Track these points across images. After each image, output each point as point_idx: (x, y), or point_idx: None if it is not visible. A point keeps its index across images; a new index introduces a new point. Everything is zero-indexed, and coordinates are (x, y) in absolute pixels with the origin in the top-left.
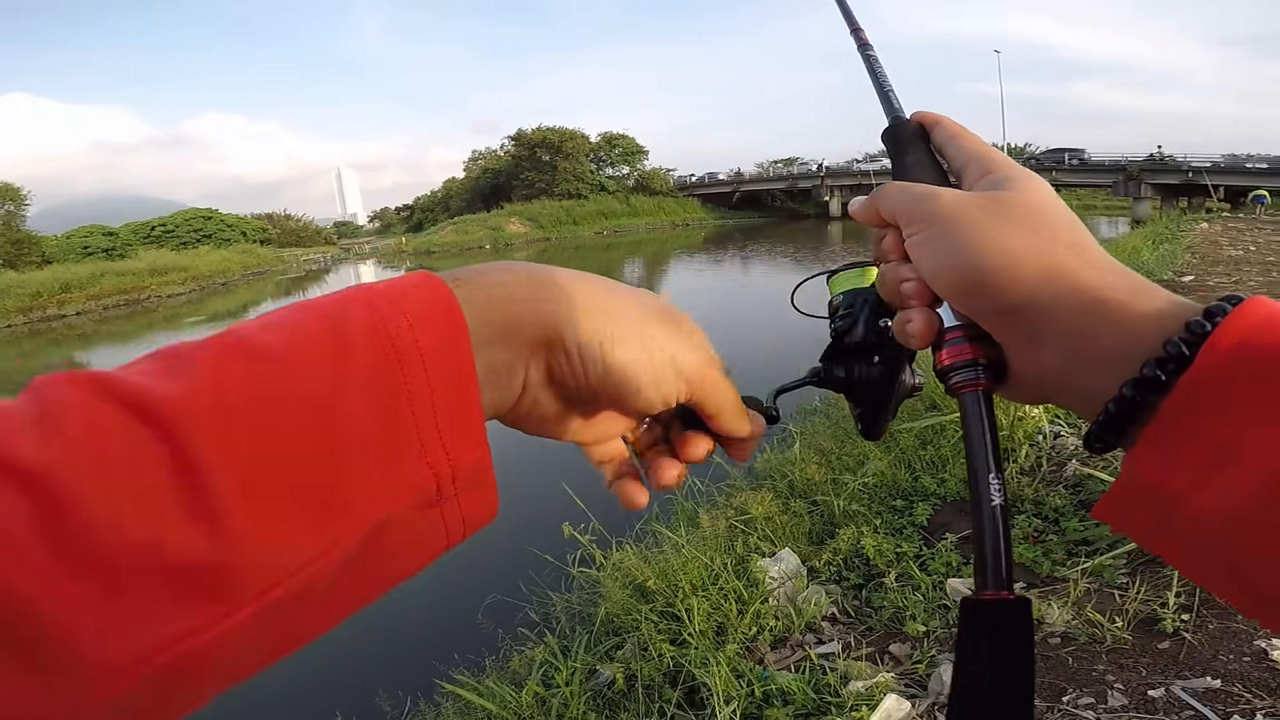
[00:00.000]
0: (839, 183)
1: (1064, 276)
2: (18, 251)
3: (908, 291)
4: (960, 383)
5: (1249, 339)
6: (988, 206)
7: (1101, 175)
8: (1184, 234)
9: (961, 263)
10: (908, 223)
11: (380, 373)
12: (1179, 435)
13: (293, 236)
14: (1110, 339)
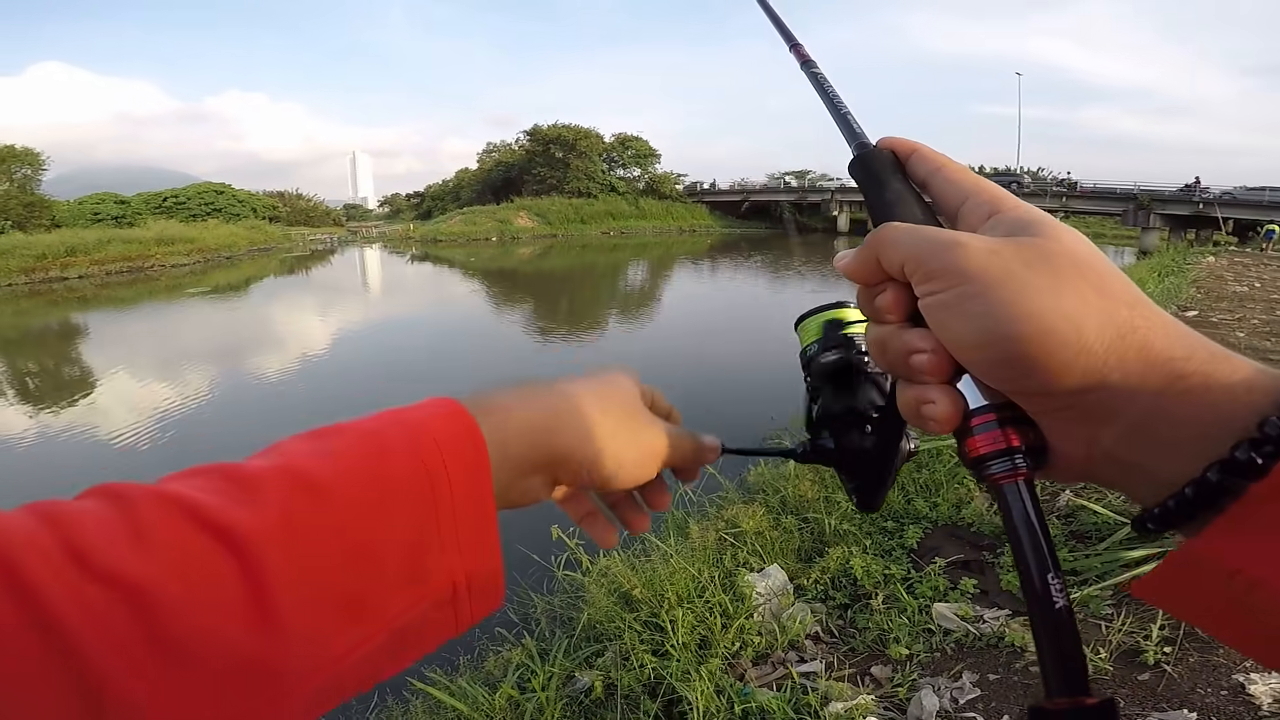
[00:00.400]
0: (849, 198)
1: (1135, 346)
2: (29, 214)
3: (921, 365)
4: (999, 474)
5: None
6: (1028, 258)
7: (1112, 203)
8: (1190, 267)
9: (1010, 331)
10: (925, 278)
11: (416, 504)
12: (1271, 524)
13: (302, 215)
14: (1191, 417)
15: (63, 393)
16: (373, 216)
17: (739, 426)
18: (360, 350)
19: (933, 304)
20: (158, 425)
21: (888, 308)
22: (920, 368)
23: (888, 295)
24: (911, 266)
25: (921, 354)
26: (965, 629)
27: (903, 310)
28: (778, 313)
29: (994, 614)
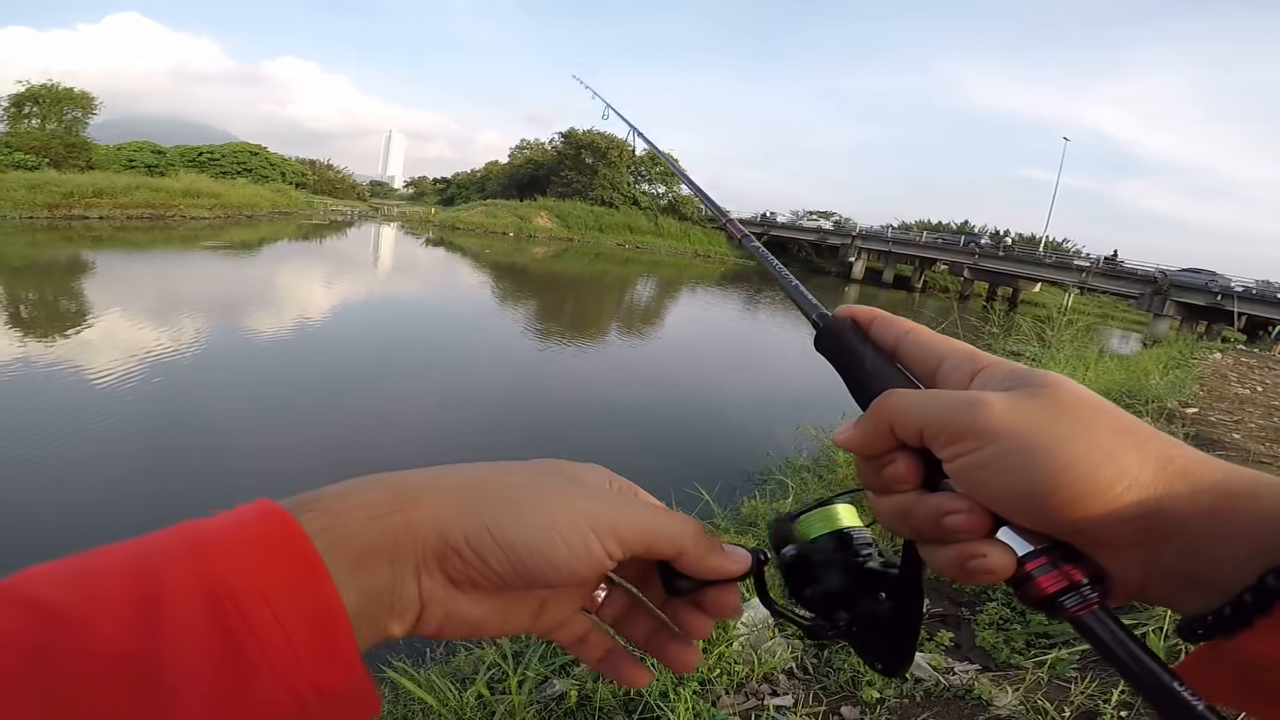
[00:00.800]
0: (870, 246)
1: (1178, 473)
2: (68, 153)
3: (958, 525)
4: (1075, 608)
5: None
6: (1051, 410)
7: (1131, 285)
8: (1196, 361)
9: (1058, 481)
10: (952, 439)
11: (206, 622)
12: None
13: (328, 186)
14: (1244, 533)
15: (55, 325)
16: (396, 196)
17: (728, 461)
18: (353, 325)
19: (968, 464)
20: (141, 369)
21: (902, 477)
22: (958, 527)
23: (900, 465)
24: (934, 430)
25: (957, 514)
26: (936, 678)
27: (919, 477)
28: (776, 348)
29: (964, 667)
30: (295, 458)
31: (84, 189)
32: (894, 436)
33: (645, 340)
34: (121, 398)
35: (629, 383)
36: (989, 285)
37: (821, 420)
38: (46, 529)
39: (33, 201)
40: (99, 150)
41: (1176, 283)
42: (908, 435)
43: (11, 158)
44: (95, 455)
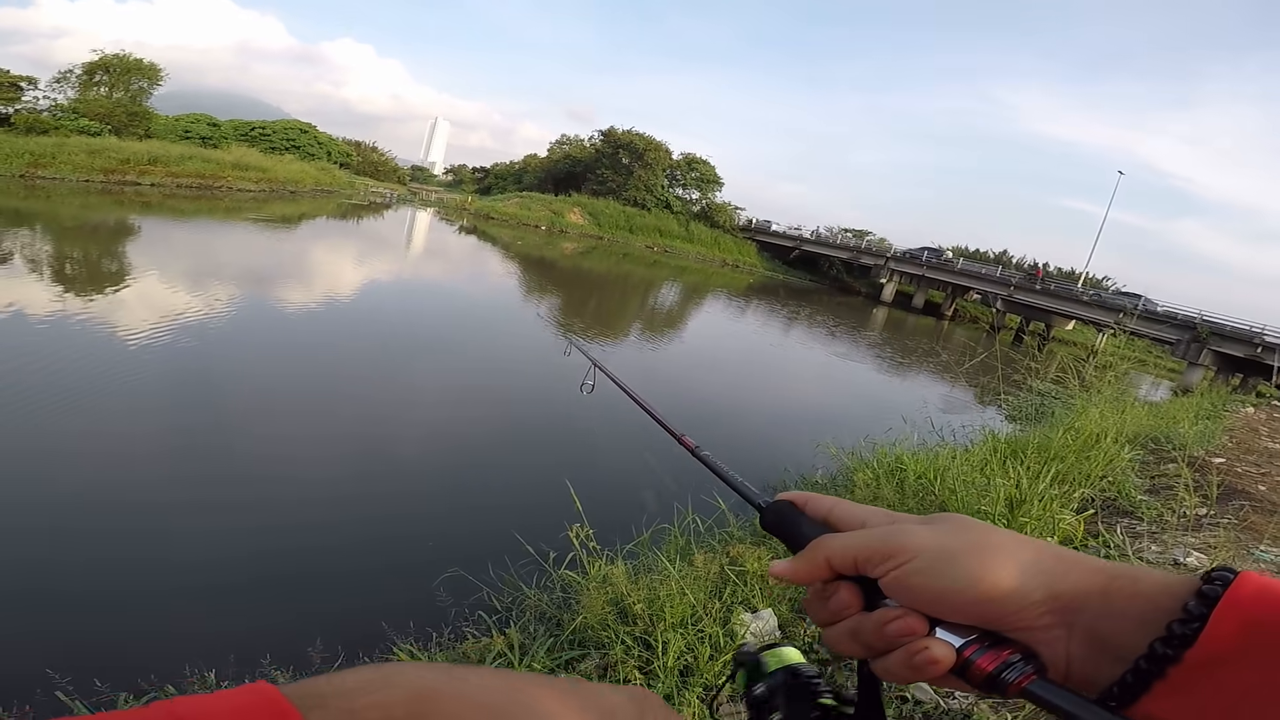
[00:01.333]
0: (903, 269)
1: (1071, 562)
2: (129, 122)
3: (900, 630)
4: (1015, 680)
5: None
6: (957, 527)
7: (1169, 330)
8: (1227, 414)
9: (979, 576)
10: (884, 558)
11: None
12: (1199, 684)
13: (371, 167)
14: (1133, 609)
15: (95, 284)
16: (435, 182)
17: (745, 472)
18: (380, 304)
19: (900, 574)
20: (170, 331)
21: (846, 603)
22: (900, 632)
23: (844, 593)
24: (865, 555)
25: (897, 620)
26: (936, 701)
27: (860, 601)
28: (797, 363)
29: (964, 692)
30: (305, 427)
31: (140, 156)
32: (829, 569)
33: (665, 344)
34: (145, 357)
35: (645, 386)
36: (1021, 319)
37: (841, 440)
38: (65, 476)
39: (91, 166)
40: (158, 120)
41: (1216, 330)
42: (844, 566)
43: (77, 123)
44: (115, 408)
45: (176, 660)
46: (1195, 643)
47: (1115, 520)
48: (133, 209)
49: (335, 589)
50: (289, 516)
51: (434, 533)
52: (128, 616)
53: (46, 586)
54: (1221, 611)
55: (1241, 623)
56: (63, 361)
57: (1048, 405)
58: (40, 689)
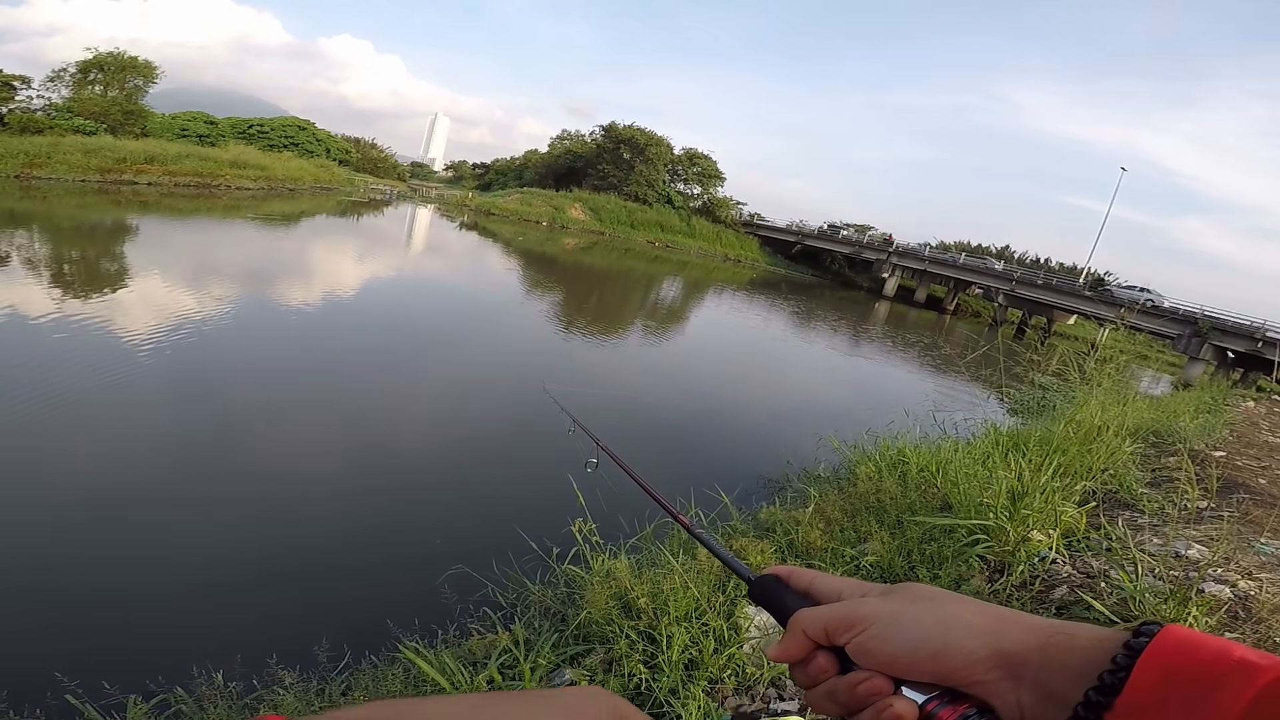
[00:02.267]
0: (906, 263)
1: (1010, 621)
2: (125, 120)
3: (869, 690)
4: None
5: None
6: (909, 597)
7: (1170, 325)
8: (1228, 408)
9: (928, 636)
10: (848, 627)
11: None
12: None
13: (371, 164)
14: (1069, 662)
15: (96, 284)
16: (435, 178)
17: (749, 466)
18: (381, 301)
19: (863, 640)
20: (174, 329)
21: (823, 668)
22: (869, 691)
23: (820, 659)
24: (834, 625)
25: (865, 681)
26: None
27: (835, 666)
28: (800, 357)
29: None
30: (309, 424)
31: (136, 155)
32: (809, 642)
33: (666, 340)
34: (140, 359)
35: (650, 382)
36: (1023, 314)
37: (843, 433)
38: (61, 469)
39: (87, 165)
40: (154, 118)
41: (1217, 325)
42: (818, 636)
43: (72, 122)
44: (119, 406)
45: (184, 660)
46: (1123, 691)
47: (1117, 513)
48: (130, 208)
49: (341, 587)
50: (294, 514)
51: (438, 529)
52: (134, 616)
53: (53, 586)
54: (1144, 662)
55: (1162, 672)
56: (66, 360)
57: (1049, 398)
58: (50, 692)
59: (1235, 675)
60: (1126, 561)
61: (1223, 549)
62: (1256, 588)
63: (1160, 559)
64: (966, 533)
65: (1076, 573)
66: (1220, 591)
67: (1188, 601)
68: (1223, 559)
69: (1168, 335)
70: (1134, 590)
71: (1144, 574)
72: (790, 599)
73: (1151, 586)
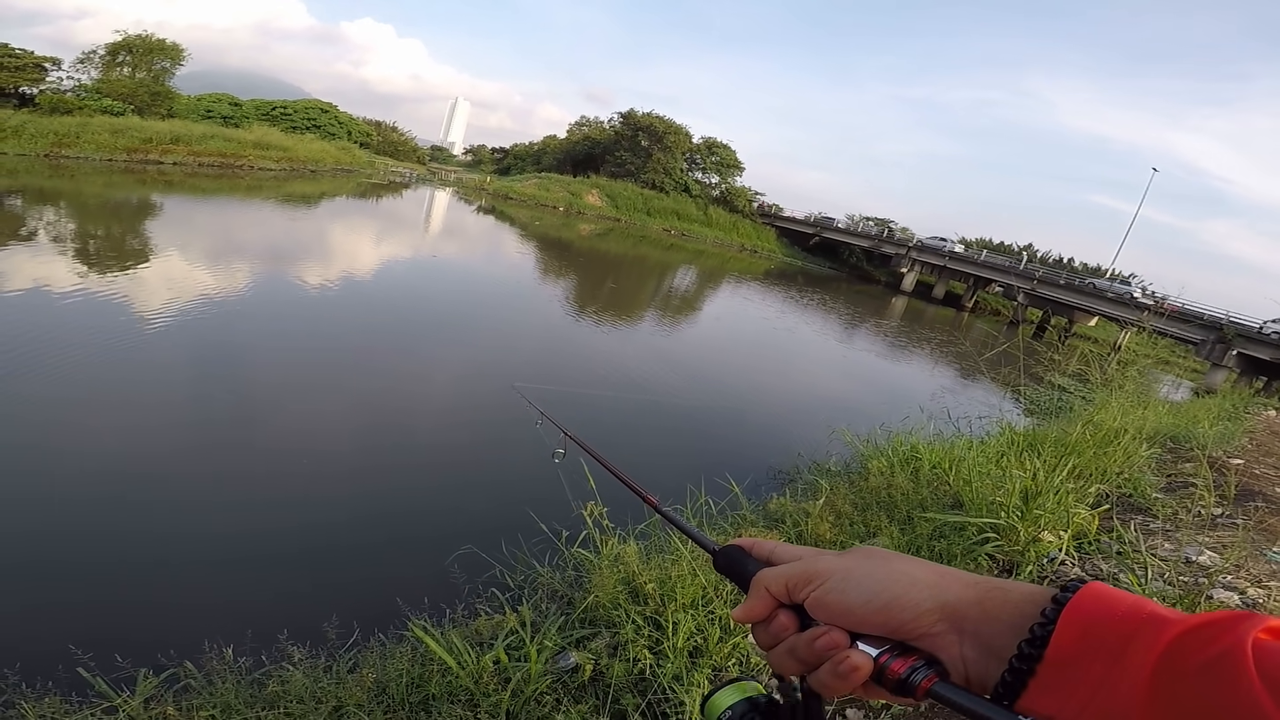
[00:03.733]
0: (926, 258)
1: (953, 577)
2: (152, 101)
3: (827, 643)
4: (922, 680)
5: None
6: (860, 554)
7: (1194, 329)
8: (1248, 416)
9: (879, 589)
10: (805, 582)
11: None
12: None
13: (391, 147)
14: (1004, 615)
15: (122, 260)
16: (455, 162)
17: (760, 457)
18: (397, 283)
19: (819, 593)
20: (191, 307)
21: (783, 625)
22: (826, 645)
23: (780, 617)
24: (793, 581)
25: (823, 635)
26: None
27: (795, 623)
28: (814, 349)
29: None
30: (322, 403)
31: (162, 136)
32: (771, 600)
33: (680, 330)
34: (162, 336)
35: (664, 371)
36: (1043, 313)
37: (856, 427)
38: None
39: (114, 145)
40: (181, 100)
41: (1243, 333)
42: (779, 593)
43: (100, 103)
44: (133, 382)
45: (194, 635)
46: (1050, 643)
47: (1130, 517)
48: (155, 187)
49: (351, 565)
50: (306, 492)
51: (448, 509)
52: (146, 591)
53: (66, 561)
54: (1066, 616)
55: (1082, 625)
56: (84, 334)
57: (1067, 399)
58: (62, 664)
59: (1146, 629)
60: (1136, 565)
61: (1234, 556)
62: (1265, 595)
63: (1171, 564)
64: (977, 531)
65: (1085, 575)
66: (1229, 598)
67: (1195, 607)
68: (1233, 566)
69: (1191, 340)
70: (1143, 594)
71: (1153, 578)
72: (752, 566)
73: (1161, 591)
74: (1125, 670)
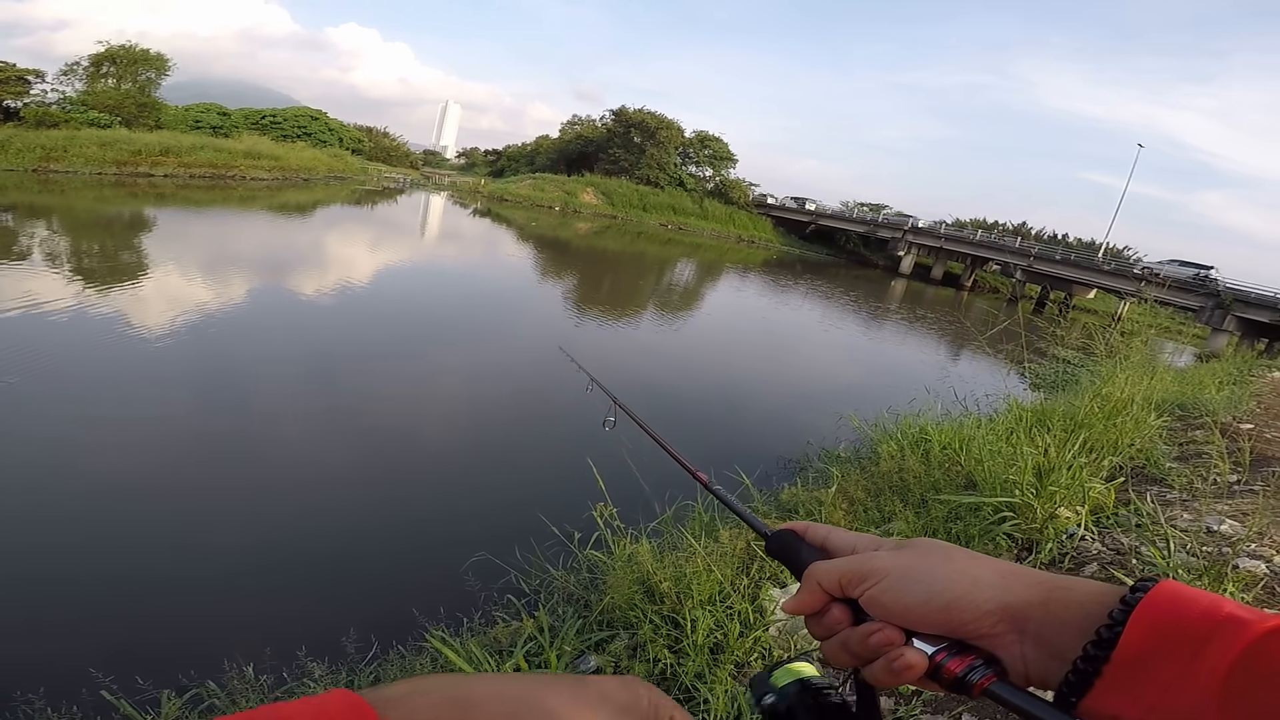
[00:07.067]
0: (922, 241)
1: (1016, 577)
2: (139, 113)
3: (881, 641)
4: (979, 680)
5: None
6: (919, 551)
7: (1192, 297)
8: (1253, 379)
9: (937, 589)
10: (860, 580)
11: None
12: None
13: (383, 153)
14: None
15: (121, 276)
16: (448, 166)
17: (770, 447)
18: (395, 290)
19: (875, 592)
20: (197, 320)
21: (837, 619)
22: (880, 642)
23: (834, 611)
24: (848, 578)
25: (877, 632)
26: None
27: (849, 618)
28: (818, 337)
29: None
30: (329, 417)
31: (152, 147)
32: (824, 594)
33: (683, 323)
34: (162, 351)
35: (668, 364)
36: (1042, 288)
37: (864, 412)
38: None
39: (103, 158)
40: (168, 111)
41: (1240, 297)
42: (832, 588)
43: (86, 115)
44: (144, 398)
45: (214, 654)
46: (1119, 644)
47: (1145, 488)
48: (146, 201)
49: (366, 577)
50: (316, 505)
51: (460, 517)
52: (161, 609)
53: (84, 581)
54: (1137, 617)
55: (1153, 625)
56: (89, 351)
57: (1072, 372)
58: (85, 688)
59: (1223, 631)
60: (1157, 538)
61: (1257, 524)
62: None
63: (1192, 535)
64: (993, 510)
65: (1106, 550)
66: (1256, 567)
67: (1223, 578)
68: (1256, 534)
69: (1190, 308)
70: (1167, 567)
71: (1176, 550)
72: (805, 553)
73: (1185, 563)
74: (1198, 672)
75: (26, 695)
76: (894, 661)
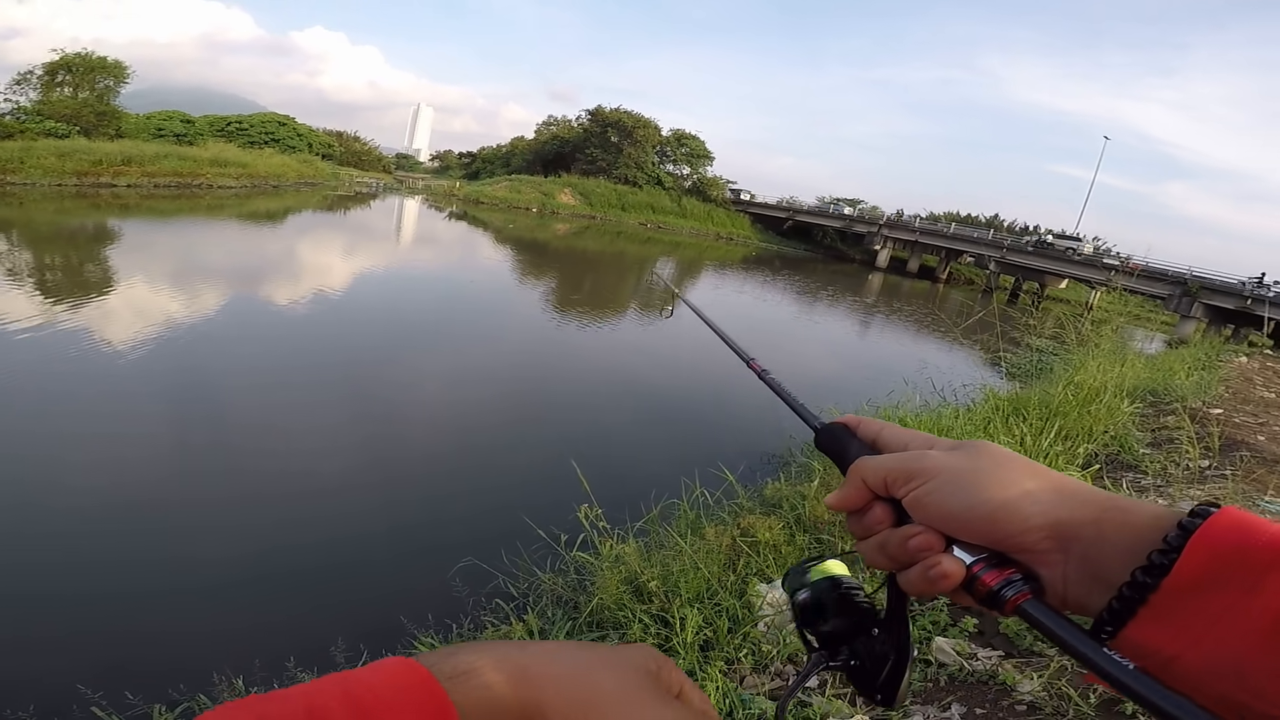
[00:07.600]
0: (896, 235)
1: (1069, 493)
2: (98, 121)
3: (919, 545)
4: (1013, 597)
5: (1220, 538)
6: (973, 454)
7: (1160, 285)
8: (1221, 364)
9: (984, 498)
10: (907, 479)
11: None
12: (1179, 610)
13: (355, 157)
14: (1121, 538)
15: (77, 291)
16: (421, 169)
17: (752, 443)
18: (369, 298)
19: (920, 494)
20: (172, 330)
21: (878, 519)
22: (919, 546)
23: (877, 510)
24: (894, 476)
25: (917, 536)
26: (960, 664)
27: (891, 518)
28: (797, 330)
29: (988, 653)
30: (310, 425)
31: (113, 157)
32: (868, 491)
33: (662, 321)
34: (130, 367)
35: (648, 364)
36: (1015, 279)
37: (844, 404)
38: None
39: (62, 169)
40: (129, 119)
41: (1206, 285)
42: (877, 486)
43: (43, 125)
44: (125, 410)
45: (204, 667)
46: (1171, 571)
47: (1120, 474)
48: (111, 211)
49: (353, 586)
50: (299, 515)
51: (445, 522)
52: (152, 624)
53: (71, 596)
54: (1196, 542)
55: (1213, 552)
56: (68, 365)
57: (1046, 361)
58: (76, 704)
59: None
60: None
61: None
62: None
63: None
64: None
65: None
66: None
67: None
68: None
69: (1159, 296)
70: None
71: None
72: (855, 447)
73: None
74: (1252, 606)
75: (16, 714)
76: (931, 569)
